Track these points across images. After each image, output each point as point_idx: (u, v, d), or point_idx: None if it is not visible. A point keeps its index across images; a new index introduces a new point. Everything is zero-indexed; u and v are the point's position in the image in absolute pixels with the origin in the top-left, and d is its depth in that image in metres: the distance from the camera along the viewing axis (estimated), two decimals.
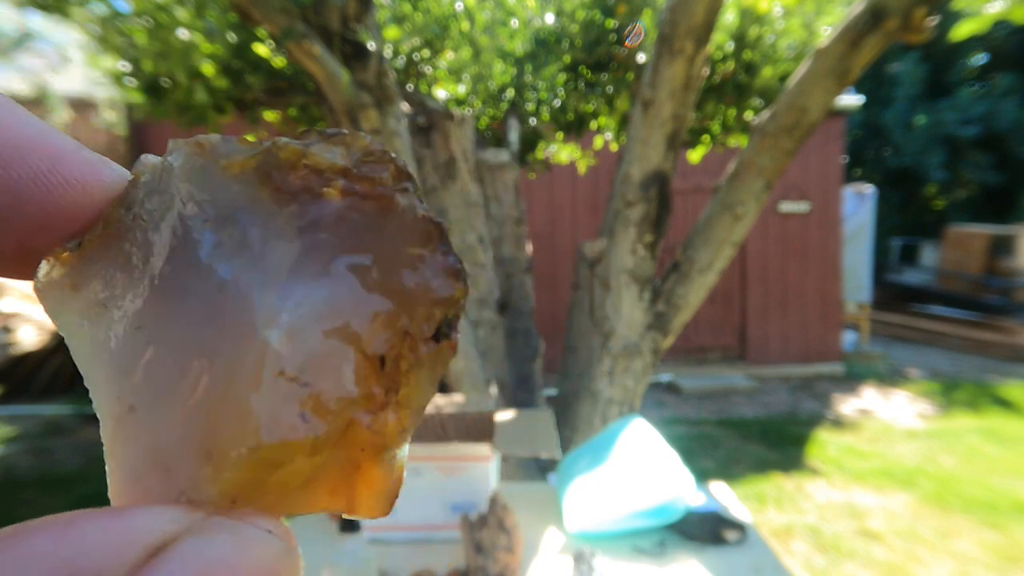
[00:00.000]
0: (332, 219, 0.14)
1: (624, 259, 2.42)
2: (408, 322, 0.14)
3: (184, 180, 0.14)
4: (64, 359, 6.48)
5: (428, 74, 3.18)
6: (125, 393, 0.14)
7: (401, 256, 0.14)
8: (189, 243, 0.14)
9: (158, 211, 0.14)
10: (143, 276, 0.14)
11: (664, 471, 1.56)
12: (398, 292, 0.14)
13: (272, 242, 0.14)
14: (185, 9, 2.59)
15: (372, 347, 0.13)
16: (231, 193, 0.14)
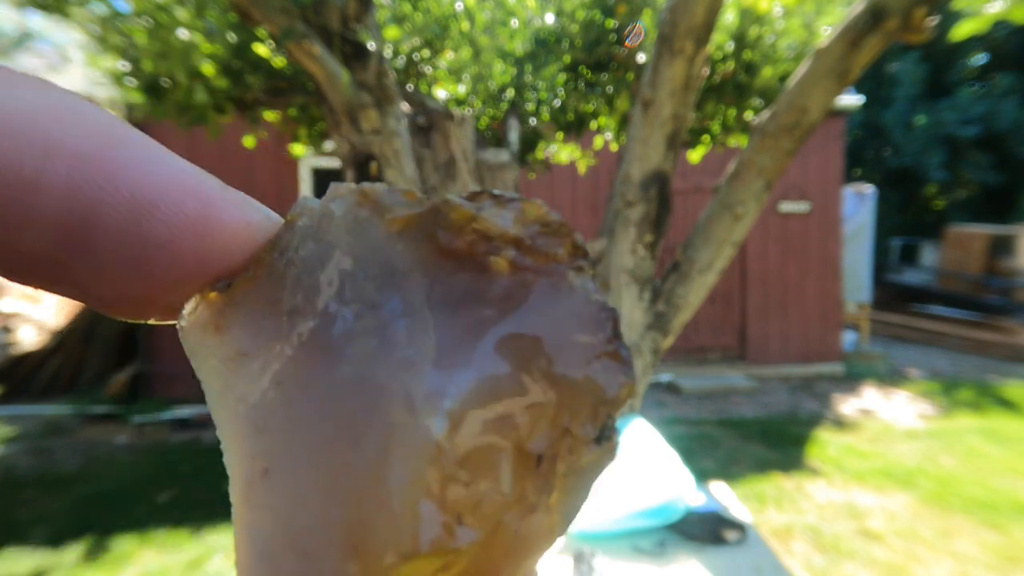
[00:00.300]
0: (498, 294, 0.13)
1: (624, 259, 2.42)
2: (570, 420, 0.12)
3: (345, 231, 0.13)
4: (64, 359, 6.48)
5: (428, 74, 3.18)
6: (259, 454, 0.13)
7: (569, 344, 0.12)
8: (345, 301, 0.13)
9: (313, 259, 0.13)
10: (292, 329, 0.13)
11: (664, 471, 1.56)
12: (563, 384, 0.12)
13: (434, 313, 0.13)
14: (185, 9, 2.59)
15: (532, 444, 0.12)
16: (394, 251, 0.13)
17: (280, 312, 0.13)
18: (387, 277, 0.13)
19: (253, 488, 0.13)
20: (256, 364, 0.13)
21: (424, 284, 0.13)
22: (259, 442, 0.13)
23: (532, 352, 0.12)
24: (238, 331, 0.13)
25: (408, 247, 0.13)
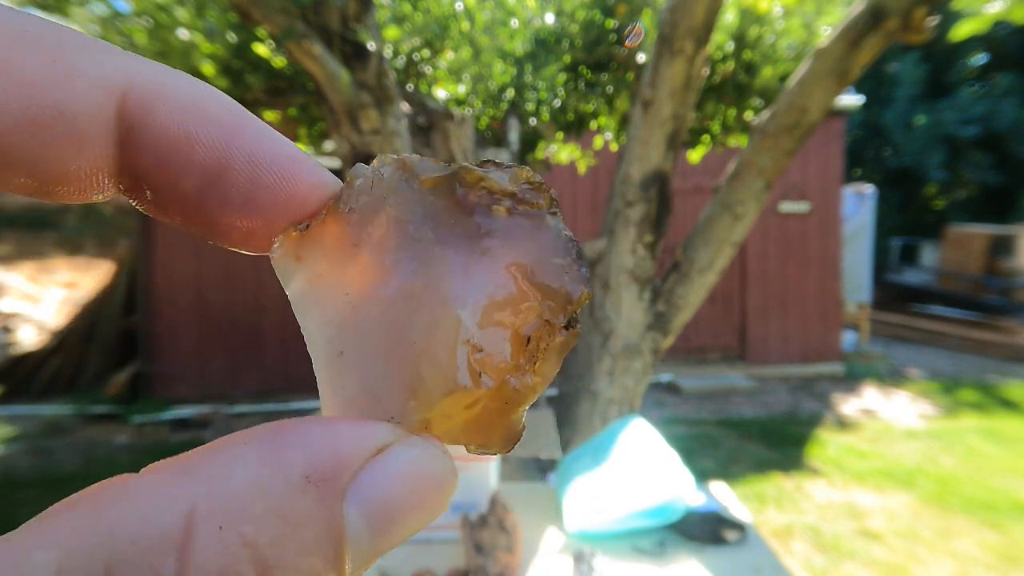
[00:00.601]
0: (501, 230, 0.18)
1: (624, 259, 2.42)
2: (549, 314, 0.18)
3: (391, 188, 0.19)
4: (64, 359, 6.48)
5: (428, 74, 3.18)
6: (335, 340, 0.18)
7: (549, 264, 0.18)
8: (395, 236, 0.18)
9: (368, 208, 0.19)
10: (354, 256, 0.18)
11: (664, 471, 1.56)
12: (544, 291, 0.18)
13: (458, 242, 0.18)
14: (185, 9, 2.59)
15: (524, 330, 0.18)
16: (427, 202, 0.19)
17: (346, 245, 0.18)
18: (423, 220, 0.18)
19: (333, 364, 0.18)
20: (330, 281, 0.18)
21: (452, 222, 0.18)
22: (335, 333, 0.18)
23: (524, 269, 0.18)
24: (313, 259, 0.19)
25: (437, 199, 0.19)
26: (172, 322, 6.59)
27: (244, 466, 0.13)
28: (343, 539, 0.14)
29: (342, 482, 0.14)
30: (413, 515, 0.15)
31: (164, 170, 0.16)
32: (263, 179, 0.17)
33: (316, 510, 0.14)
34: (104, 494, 0.12)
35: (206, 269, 6.65)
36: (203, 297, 6.65)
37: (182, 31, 2.56)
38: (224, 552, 0.12)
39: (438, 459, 0.16)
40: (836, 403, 6.42)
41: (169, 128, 0.16)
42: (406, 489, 0.15)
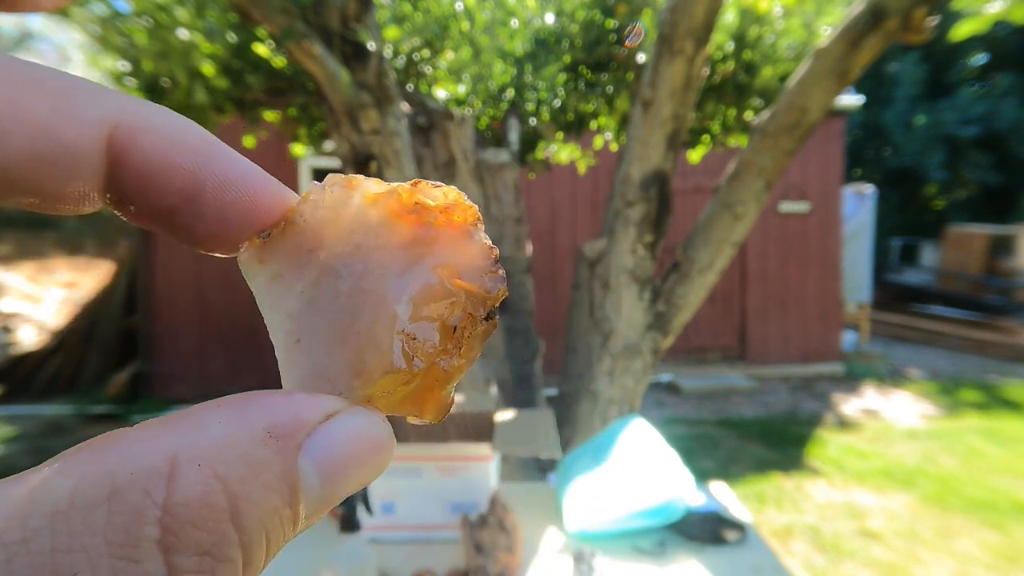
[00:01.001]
0: (432, 239, 0.22)
1: (624, 259, 2.42)
2: (471, 308, 0.21)
3: (340, 202, 0.22)
4: (64, 359, 6.48)
5: (428, 74, 3.18)
6: (293, 331, 0.21)
7: (472, 268, 0.22)
8: (341, 243, 0.21)
9: (319, 219, 0.22)
10: (308, 259, 0.21)
11: (664, 471, 1.56)
12: (467, 290, 0.21)
13: (395, 249, 0.21)
14: (185, 9, 2.59)
15: (450, 321, 0.21)
16: (369, 215, 0.22)
17: (301, 250, 0.22)
18: (365, 229, 0.22)
19: (290, 350, 0.21)
20: (287, 280, 0.22)
21: (387, 234, 0.22)
22: (292, 324, 0.21)
23: (451, 271, 0.21)
24: (274, 262, 0.22)
25: (378, 212, 0.22)
26: (172, 322, 6.59)
27: (217, 423, 0.17)
28: (297, 484, 0.17)
29: (298, 439, 0.17)
30: (357, 470, 0.19)
31: (146, 191, 0.19)
32: (231, 196, 0.20)
33: (275, 459, 0.17)
34: (106, 441, 0.16)
35: (206, 269, 6.65)
36: (203, 297, 6.65)
37: (182, 31, 2.56)
38: (202, 484, 0.15)
39: (378, 425, 0.20)
40: (836, 403, 6.42)
41: (151, 156, 0.19)
42: (351, 448, 0.18)
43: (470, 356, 0.22)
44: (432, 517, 1.52)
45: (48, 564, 0.13)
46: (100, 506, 0.14)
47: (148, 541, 0.14)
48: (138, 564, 0.14)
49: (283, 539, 0.17)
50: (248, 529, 0.16)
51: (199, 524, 0.15)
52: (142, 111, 0.19)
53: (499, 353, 2.86)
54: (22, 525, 0.13)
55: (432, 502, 1.53)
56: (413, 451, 1.54)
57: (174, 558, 0.14)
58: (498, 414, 1.77)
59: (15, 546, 0.13)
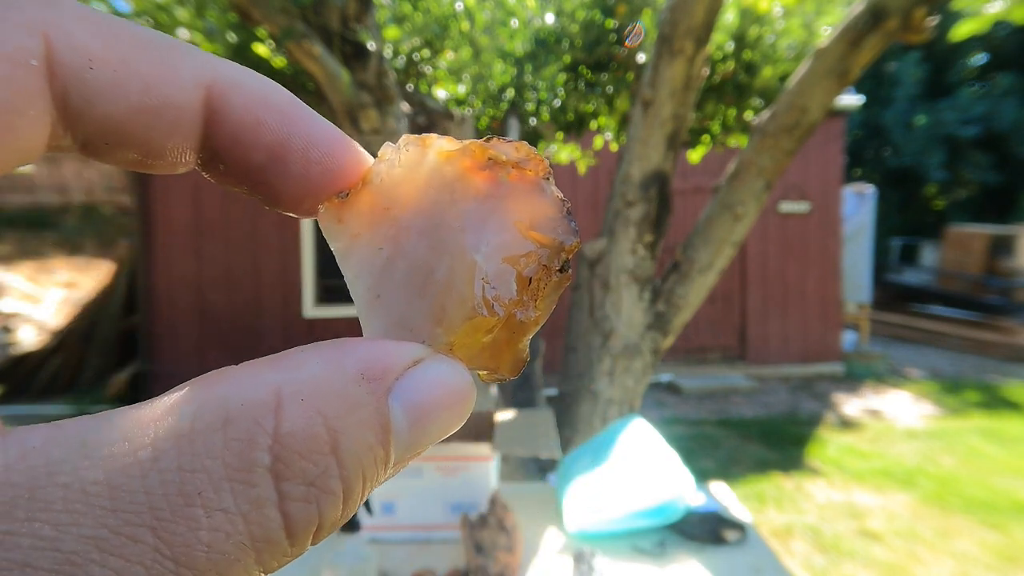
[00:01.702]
0: (505, 193, 0.22)
1: (624, 259, 2.42)
2: (546, 260, 0.22)
3: (415, 160, 0.23)
4: (64, 359, 6.48)
5: (428, 74, 3.18)
6: (373, 287, 0.22)
7: (545, 219, 0.22)
8: (417, 200, 0.22)
9: (395, 178, 0.22)
10: (385, 218, 0.22)
11: (664, 471, 1.56)
12: (542, 240, 0.22)
13: (470, 203, 0.22)
14: (185, 9, 2.59)
15: (526, 272, 0.21)
16: (443, 171, 0.22)
17: (378, 209, 0.22)
18: (440, 185, 0.22)
19: (371, 305, 0.22)
20: (366, 238, 0.22)
21: (462, 189, 0.22)
22: (372, 280, 0.22)
23: (525, 223, 0.22)
24: (352, 221, 0.23)
25: (452, 168, 0.22)
26: (172, 322, 6.59)
27: (313, 364, 0.18)
28: (389, 425, 0.18)
29: (388, 382, 0.18)
30: (442, 416, 0.19)
31: (237, 147, 0.21)
32: (314, 155, 0.21)
33: (369, 399, 0.18)
34: (217, 375, 0.17)
35: (206, 269, 6.65)
36: (203, 297, 6.65)
37: (182, 31, 2.56)
38: (305, 417, 0.16)
39: (461, 373, 0.20)
40: (836, 403, 6.42)
41: (243, 114, 0.20)
42: (436, 394, 0.19)
43: (546, 308, 0.22)
44: (432, 517, 1.52)
45: (176, 482, 0.14)
46: (217, 431, 0.15)
47: (261, 467, 0.15)
48: (253, 488, 0.15)
49: (376, 479, 0.18)
50: (347, 464, 0.17)
51: (305, 455, 0.16)
52: (235, 72, 0.20)
53: None
54: (153, 444, 0.15)
55: (432, 502, 1.53)
56: None
57: (284, 485, 0.16)
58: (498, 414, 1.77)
59: (147, 462, 0.14)
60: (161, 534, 0.14)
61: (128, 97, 0.18)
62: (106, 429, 0.15)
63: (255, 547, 0.15)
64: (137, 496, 0.14)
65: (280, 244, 6.67)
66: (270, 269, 6.72)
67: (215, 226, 6.65)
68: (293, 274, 6.74)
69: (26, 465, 0.14)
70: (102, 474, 0.14)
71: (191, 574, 0.14)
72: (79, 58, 0.18)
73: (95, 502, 0.14)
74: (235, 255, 6.69)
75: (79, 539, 0.13)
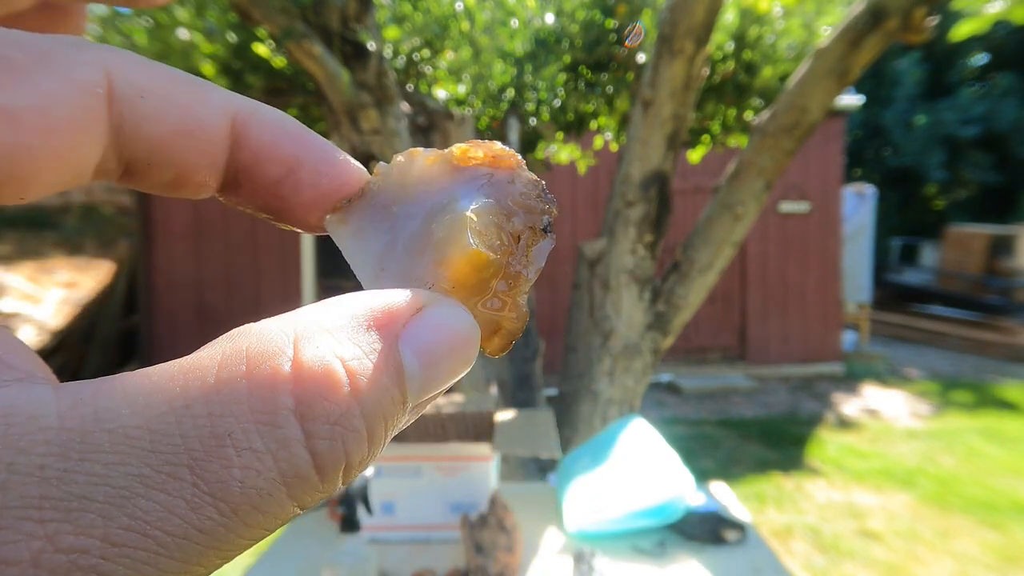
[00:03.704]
0: (486, 180, 0.25)
1: (624, 259, 2.42)
2: (532, 222, 0.25)
3: (405, 169, 0.26)
4: (64, 359, 6.47)
5: (428, 74, 3.18)
6: (376, 266, 0.25)
7: (523, 192, 0.25)
8: (412, 199, 0.26)
9: (390, 183, 0.26)
10: (384, 212, 0.26)
11: (664, 471, 1.56)
12: (526, 208, 0.25)
13: (460, 185, 0.25)
14: (185, 9, 2.59)
15: (514, 230, 0.24)
16: (431, 172, 0.26)
17: (378, 208, 0.26)
18: (429, 183, 0.26)
19: (378, 276, 0.25)
20: (368, 232, 0.26)
21: (450, 181, 0.26)
22: (376, 261, 0.25)
23: (509, 195, 0.25)
24: (355, 221, 0.26)
25: (438, 167, 0.26)
26: (172, 322, 6.59)
27: (325, 312, 0.19)
28: (402, 367, 0.19)
29: (397, 328, 0.20)
30: (450, 358, 0.21)
31: (257, 163, 0.24)
32: (322, 169, 0.25)
33: (381, 344, 0.19)
34: (236, 332, 0.19)
35: (206, 269, 6.65)
36: (203, 297, 6.65)
37: (182, 31, 2.56)
38: (323, 357, 0.18)
39: (464, 316, 0.22)
40: (836, 403, 6.42)
41: (263, 135, 0.24)
42: (443, 337, 0.21)
43: (536, 264, 0.25)
44: (432, 517, 1.52)
45: (207, 425, 0.16)
46: (240, 379, 0.17)
47: (285, 409, 0.17)
48: (280, 429, 0.17)
49: (395, 422, 0.19)
50: (367, 403, 0.18)
51: (326, 395, 0.17)
52: (252, 105, 0.24)
53: None
54: (184, 394, 0.17)
55: (432, 502, 1.53)
56: (413, 451, 1.54)
57: (308, 424, 0.17)
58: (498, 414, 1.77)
59: (181, 409, 0.16)
60: (197, 471, 0.16)
61: (169, 121, 0.21)
62: (144, 382, 0.17)
63: (285, 483, 0.17)
64: (174, 439, 0.16)
65: (280, 244, 6.67)
66: (270, 269, 6.72)
67: (215, 226, 6.65)
68: (293, 274, 6.74)
69: (77, 413, 0.16)
70: (143, 420, 0.16)
71: (227, 506, 0.16)
72: (132, 90, 0.21)
73: (137, 444, 0.15)
74: (235, 255, 6.69)
75: (126, 476, 0.15)
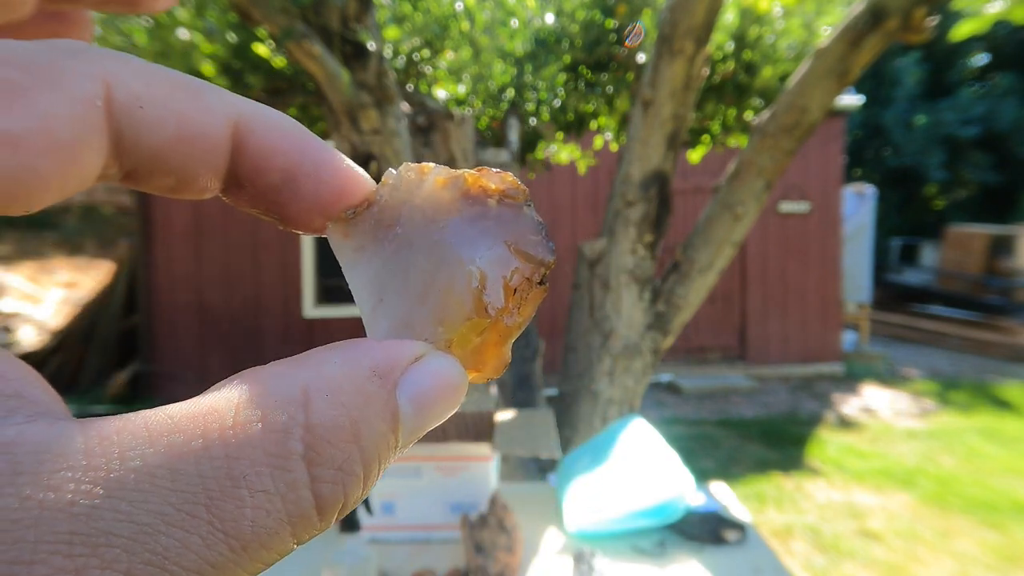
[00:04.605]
0: (492, 216, 0.25)
1: (624, 259, 2.42)
2: (528, 273, 0.25)
3: (414, 185, 0.26)
4: (64, 359, 6.48)
5: (428, 74, 3.18)
6: (376, 293, 0.25)
7: (527, 239, 0.25)
8: (417, 218, 0.25)
9: (397, 199, 0.26)
10: (387, 234, 0.25)
11: (664, 471, 1.56)
12: (525, 256, 0.25)
13: (464, 224, 0.25)
14: (185, 9, 2.59)
15: (512, 283, 0.24)
16: (440, 195, 0.26)
17: (382, 226, 0.25)
18: (437, 207, 0.25)
19: (375, 309, 0.25)
20: (369, 251, 0.25)
21: (456, 211, 0.25)
22: (375, 287, 0.25)
23: (511, 242, 0.25)
24: (357, 237, 0.25)
25: (447, 193, 0.26)
26: (172, 322, 6.59)
27: (332, 363, 0.20)
28: (397, 414, 0.21)
29: (395, 376, 0.21)
30: (440, 404, 0.22)
31: (258, 171, 0.24)
32: (324, 176, 0.24)
33: (380, 392, 0.21)
34: (251, 374, 0.20)
35: (206, 269, 6.65)
36: (203, 297, 6.65)
37: (182, 31, 2.56)
38: (331, 410, 0.19)
39: (456, 367, 0.23)
40: (836, 403, 6.42)
41: (264, 141, 0.23)
42: (436, 385, 0.22)
43: (527, 315, 0.25)
44: (432, 517, 1.52)
45: (224, 467, 0.17)
46: (256, 424, 0.18)
47: (296, 455, 0.18)
48: (289, 473, 0.18)
49: (387, 461, 0.21)
50: (367, 449, 0.20)
51: (333, 443, 0.19)
52: (256, 108, 0.24)
53: None
54: (203, 436, 0.17)
55: (432, 502, 1.53)
56: (413, 451, 1.54)
57: (315, 470, 0.18)
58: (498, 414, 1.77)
59: (200, 451, 0.17)
60: (213, 510, 0.17)
61: (168, 129, 0.21)
62: (166, 421, 0.18)
63: (291, 522, 0.18)
64: (193, 479, 0.17)
65: (280, 244, 6.67)
66: (270, 269, 6.72)
67: (215, 226, 6.65)
68: (293, 274, 6.74)
69: (103, 451, 0.16)
70: (165, 459, 0.17)
71: (239, 543, 0.17)
72: (131, 99, 0.21)
73: (160, 483, 0.16)
74: (235, 255, 6.69)
75: (149, 513, 0.16)
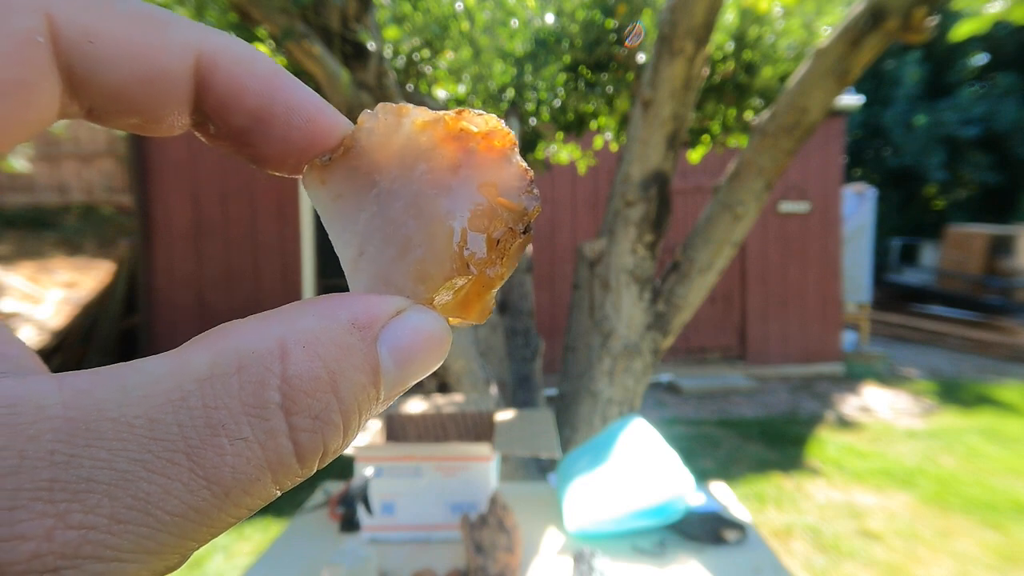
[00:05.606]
0: (475, 160, 0.24)
1: (624, 259, 2.42)
2: (511, 223, 0.24)
3: (392, 128, 0.24)
4: (64, 359, 6.48)
5: (428, 74, 3.18)
6: (356, 245, 0.24)
7: (511, 186, 0.24)
8: (395, 164, 0.24)
9: (375, 144, 0.24)
10: (366, 182, 0.24)
11: (664, 471, 1.56)
12: (508, 206, 0.24)
13: (443, 170, 0.24)
14: (185, 9, 2.59)
15: (494, 234, 0.24)
16: (419, 139, 0.24)
17: (359, 173, 0.24)
18: (418, 153, 0.24)
19: (356, 262, 0.24)
20: (348, 200, 0.24)
21: (436, 156, 0.24)
22: (356, 239, 0.24)
23: (493, 189, 0.24)
24: (334, 183, 0.24)
25: (427, 137, 0.24)
26: (172, 322, 6.59)
27: (310, 316, 0.20)
28: (378, 366, 0.20)
29: (375, 330, 0.21)
30: (422, 358, 0.22)
31: (224, 111, 0.22)
32: (295, 120, 0.23)
33: (360, 345, 0.20)
34: (225, 329, 0.19)
35: (206, 269, 6.65)
36: (203, 297, 6.65)
37: None
38: (308, 361, 0.19)
39: (438, 321, 0.23)
40: (836, 403, 6.42)
41: (229, 80, 0.22)
42: (417, 339, 0.22)
43: (510, 265, 0.25)
44: (432, 517, 1.52)
45: (203, 416, 0.17)
46: (232, 375, 0.18)
47: (273, 404, 0.18)
48: (267, 421, 0.18)
49: (369, 412, 0.21)
50: (345, 400, 0.20)
51: (309, 393, 0.19)
52: (220, 40, 0.22)
53: (499, 353, 2.86)
54: (178, 387, 0.17)
55: (432, 502, 1.53)
56: (413, 451, 1.54)
57: (293, 418, 0.18)
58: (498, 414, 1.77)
59: (178, 401, 0.17)
60: (194, 458, 0.17)
61: (125, 68, 0.20)
62: (139, 375, 0.18)
63: (271, 469, 0.18)
64: (171, 428, 0.17)
65: (280, 244, 6.67)
66: (270, 269, 6.72)
67: (215, 226, 6.65)
68: (293, 274, 6.74)
69: (80, 403, 0.16)
70: (142, 410, 0.17)
71: (220, 489, 0.17)
72: (79, 34, 0.20)
73: (138, 432, 0.17)
74: (235, 255, 6.69)
75: (129, 461, 0.16)
